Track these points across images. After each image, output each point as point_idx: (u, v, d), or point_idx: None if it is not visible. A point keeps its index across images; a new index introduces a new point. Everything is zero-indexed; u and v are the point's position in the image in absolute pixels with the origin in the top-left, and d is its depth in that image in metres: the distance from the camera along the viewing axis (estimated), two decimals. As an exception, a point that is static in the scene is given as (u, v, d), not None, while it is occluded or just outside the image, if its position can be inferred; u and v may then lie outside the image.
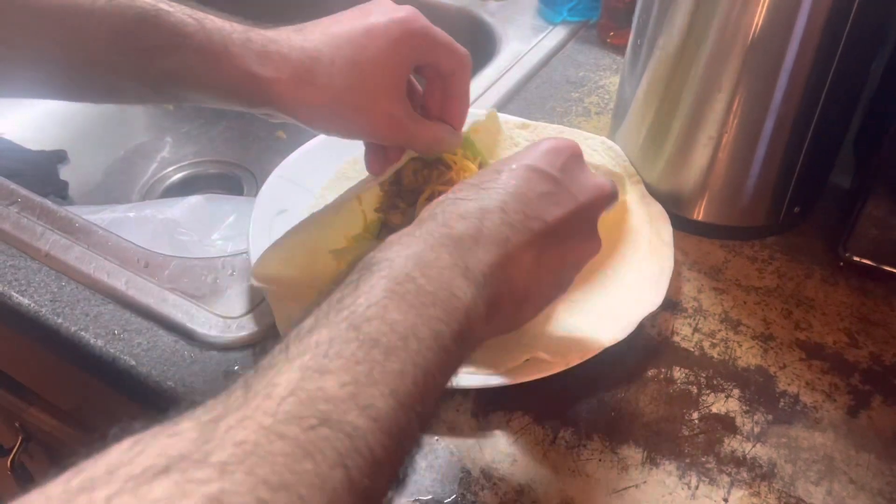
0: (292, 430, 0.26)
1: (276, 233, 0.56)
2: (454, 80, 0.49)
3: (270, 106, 0.46)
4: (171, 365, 0.52)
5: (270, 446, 0.26)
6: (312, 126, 0.49)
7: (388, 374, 0.30)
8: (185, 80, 0.45)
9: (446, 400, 0.50)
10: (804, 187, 0.61)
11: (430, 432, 0.48)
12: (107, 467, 0.24)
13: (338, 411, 0.28)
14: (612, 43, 0.83)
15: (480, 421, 0.49)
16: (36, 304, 0.56)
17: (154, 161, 0.96)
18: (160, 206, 0.76)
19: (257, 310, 0.55)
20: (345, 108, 0.46)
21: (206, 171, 0.95)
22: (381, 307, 0.32)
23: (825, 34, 0.52)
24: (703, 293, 0.58)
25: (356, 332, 0.30)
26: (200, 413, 0.27)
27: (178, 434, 0.26)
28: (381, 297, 0.32)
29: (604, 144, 0.63)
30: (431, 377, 0.32)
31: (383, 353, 0.30)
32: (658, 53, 0.58)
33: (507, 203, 0.39)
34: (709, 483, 0.47)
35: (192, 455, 0.25)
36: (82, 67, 0.45)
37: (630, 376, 0.52)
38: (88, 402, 0.66)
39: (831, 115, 0.57)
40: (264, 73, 0.44)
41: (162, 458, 0.24)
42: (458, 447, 0.48)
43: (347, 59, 0.45)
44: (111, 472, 0.24)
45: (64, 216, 0.61)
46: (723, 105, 0.56)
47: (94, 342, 0.54)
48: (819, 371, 0.53)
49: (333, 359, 0.29)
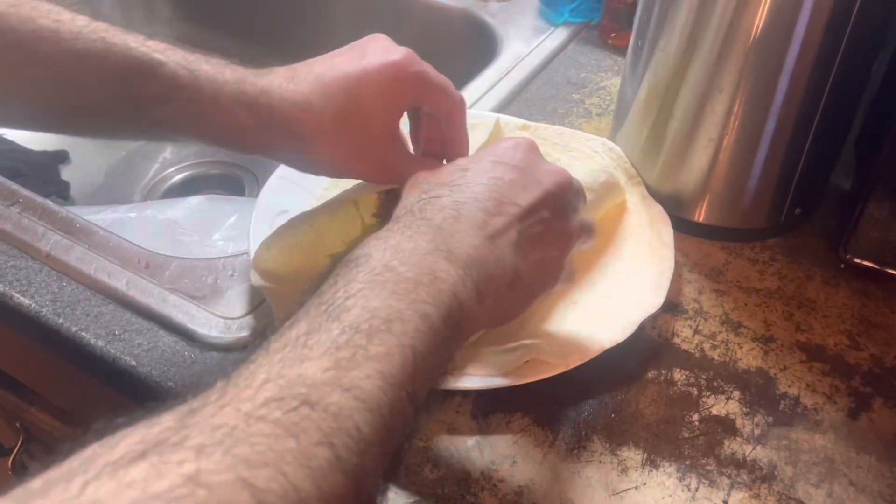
0: (273, 413, 0.26)
1: (276, 234, 0.56)
2: (450, 122, 0.49)
3: (262, 154, 0.48)
4: (171, 365, 0.52)
5: (249, 428, 0.26)
6: (306, 171, 0.50)
7: (371, 357, 0.30)
8: (178, 128, 0.46)
9: (447, 400, 0.50)
10: (805, 189, 0.61)
11: (430, 433, 0.48)
12: (85, 458, 0.25)
13: (320, 393, 0.28)
14: (614, 44, 0.83)
15: (480, 422, 0.49)
16: (37, 304, 0.56)
17: (156, 162, 0.96)
18: (161, 207, 0.76)
19: (258, 310, 0.55)
20: (336, 155, 0.46)
21: (208, 172, 0.95)
22: (360, 297, 0.32)
23: (826, 35, 0.52)
24: (703, 295, 0.58)
25: (337, 322, 0.31)
26: (180, 406, 0.27)
27: (157, 423, 0.26)
28: (359, 288, 0.32)
29: (604, 146, 0.63)
30: (422, 357, 0.31)
31: (365, 338, 0.30)
32: (659, 55, 0.58)
33: (480, 193, 0.40)
34: (709, 485, 0.47)
35: (169, 440, 0.25)
36: (77, 109, 0.45)
37: (630, 378, 0.52)
38: (89, 403, 0.66)
39: (832, 117, 0.57)
40: (254, 126, 0.45)
41: (140, 445, 0.25)
42: (458, 448, 0.48)
43: (339, 108, 0.45)
44: (89, 462, 0.24)
45: (65, 217, 0.61)
46: (724, 106, 0.56)
47: (95, 342, 0.54)
48: (820, 373, 0.53)
49: (313, 347, 0.29)
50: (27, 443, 0.77)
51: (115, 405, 0.58)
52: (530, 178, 0.43)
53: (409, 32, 0.93)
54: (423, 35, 0.92)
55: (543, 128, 0.63)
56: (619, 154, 0.63)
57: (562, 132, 0.63)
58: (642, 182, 0.62)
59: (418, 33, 0.92)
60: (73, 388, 0.65)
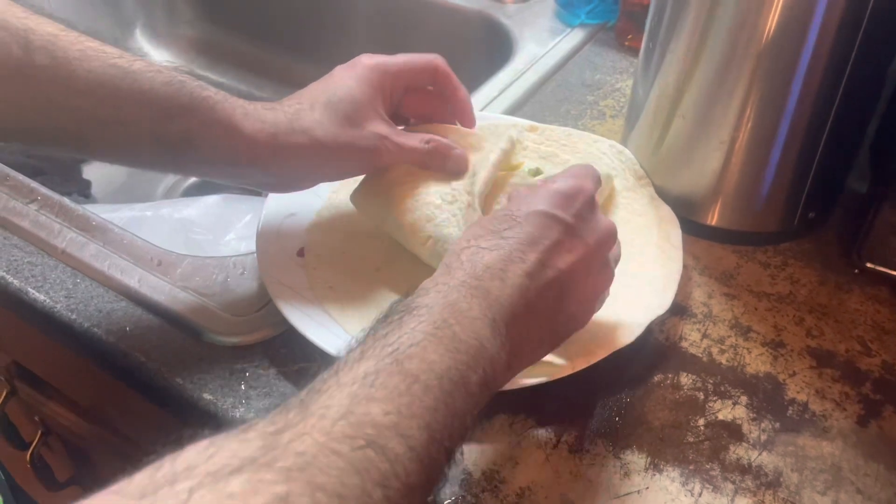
0: (344, 447, 0.30)
1: (284, 237, 0.57)
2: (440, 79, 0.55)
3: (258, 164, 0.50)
4: (180, 362, 0.53)
5: (326, 459, 0.30)
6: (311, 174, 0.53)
7: (424, 409, 0.34)
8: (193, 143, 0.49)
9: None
10: (819, 193, 0.60)
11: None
12: (186, 464, 0.28)
13: (382, 437, 0.31)
14: (630, 46, 0.83)
15: (483, 423, 0.49)
16: (51, 300, 0.57)
17: (175, 161, 0.97)
18: (177, 206, 0.77)
19: (265, 309, 0.55)
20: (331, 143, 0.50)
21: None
22: (421, 347, 0.36)
23: (839, 36, 0.52)
24: (713, 298, 0.57)
25: (399, 366, 0.34)
26: (264, 425, 0.31)
27: (247, 441, 0.30)
28: (421, 338, 0.36)
29: (613, 148, 0.63)
30: (459, 418, 0.35)
31: (422, 389, 0.34)
32: (670, 56, 0.58)
33: (524, 253, 0.42)
34: (712, 490, 0.46)
35: (259, 459, 0.29)
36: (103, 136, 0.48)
37: (636, 381, 0.52)
38: (103, 397, 0.67)
39: (847, 120, 0.56)
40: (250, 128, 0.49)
41: (235, 460, 0.28)
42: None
43: (323, 101, 0.51)
44: (190, 469, 0.28)
45: (81, 214, 0.63)
46: (735, 108, 0.56)
47: (107, 338, 0.55)
48: (830, 379, 0.52)
49: (379, 388, 0.33)
50: (46, 436, 0.78)
51: (128, 401, 0.59)
52: (576, 236, 0.44)
53: (425, 33, 0.94)
54: (439, 36, 0.92)
55: (551, 129, 0.63)
56: (627, 156, 0.63)
57: (569, 133, 0.63)
58: (651, 183, 0.62)
59: (434, 34, 0.93)
60: (87, 383, 0.67)
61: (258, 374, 0.52)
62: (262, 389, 0.51)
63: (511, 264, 0.41)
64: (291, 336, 0.52)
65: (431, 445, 0.33)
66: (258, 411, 0.50)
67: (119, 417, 0.69)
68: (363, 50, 0.55)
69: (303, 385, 0.33)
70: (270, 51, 1.08)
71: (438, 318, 0.37)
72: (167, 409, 0.54)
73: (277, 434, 0.30)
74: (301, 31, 1.04)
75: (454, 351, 0.36)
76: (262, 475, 0.28)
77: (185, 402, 0.51)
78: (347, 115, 0.50)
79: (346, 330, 0.52)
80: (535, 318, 0.42)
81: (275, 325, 0.54)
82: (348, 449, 0.30)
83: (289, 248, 0.57)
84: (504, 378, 0.41)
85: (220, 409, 0.50)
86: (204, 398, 0.51)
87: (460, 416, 0.35)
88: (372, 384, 0.33)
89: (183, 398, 0.51)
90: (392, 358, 0.35)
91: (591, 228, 0.45)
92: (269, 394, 0.51)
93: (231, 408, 0.50)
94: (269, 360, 0.53)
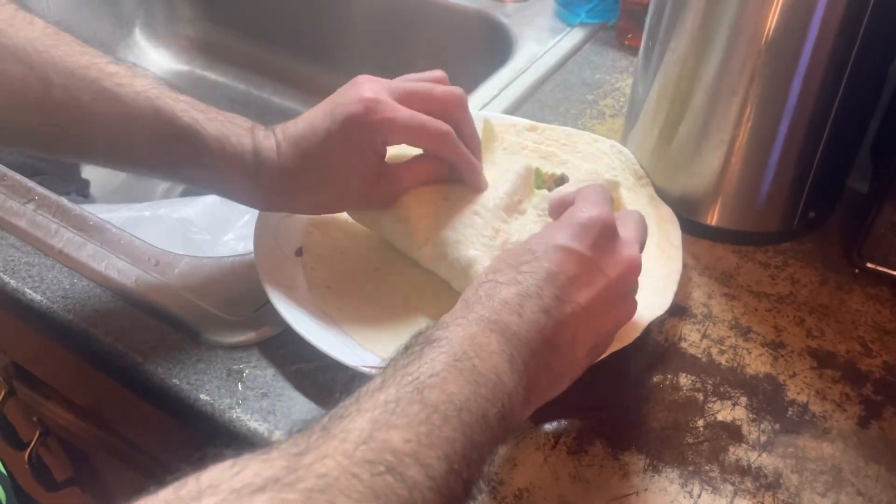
0: (364, 472, 0.31)
1: (282, 237, 0.57)
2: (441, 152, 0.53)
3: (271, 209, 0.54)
4: (176, 362, 0.53)
5: (347, 482, 0.30)
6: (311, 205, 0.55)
7: (443, 439, 0.34)
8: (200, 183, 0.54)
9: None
10: (820, 192, 0.60)
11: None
12: (210, 482, 0.29)
13: (402, 464, 0.32)
14: (630, 45, 0.82)
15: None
16: (48, 300, 0.57)
17: (175, 161, 0.97)
18: (175, 206, 0.77)
19: (263, 309, 0.55)
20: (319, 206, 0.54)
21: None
22: (441, 378, 0.36)
23: (840, 35, 0.51)
24: (713, 299, 0.57)
25: (419, 395, 0.35)
26: (287, 446, 0.31)
27: (270, 461, 0.30)
28: (441, 368, 0.36)
29: (613, 148, 0.63)
30: (476, 451, 0.35)
31: (441, 419, 0.34)
32: (670, 55, 0.58)
33: (542, 289, 0.42)
34: (711, 492, 0.46)
35: (283, 479, 0.29)
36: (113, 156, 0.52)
37: (635, 382, 0.52)
38: (101, 398, 0.67)
39: (847, 119, 0.56)
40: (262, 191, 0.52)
41: (258, 479, 0.29)
42: (458, 450, 0.48)
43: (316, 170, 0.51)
44: (215, 486, 0.29)
45: (78, 214, 0.62)
46: (735, 108, 0.56)
47: (104, 339, 0.54)
48: (830, 380, 0.52)
49: (399, 416, 0.34)
50: (44, 436, 0.78)
51: (125, 401, 0.59)
52: (595, 269, 0.43)
53: (425, 32, 0.94)
54: (438, 35, 0.92)
55: (551, 129, 0.63)
56: (627, 156, 0.62)
57: (569, 133, 0.63)
58: (650, 183, 0.61)
59: (434, 34, 0.93)
60: (85, 383, 0.66)
61: (255, 375, 0.52)
62: (260, 390, 0.51)
63: (528, 300, 0.41)
64: (289, 336, 0.52)
65: (450, 476, 0.33)
66: (255, 412, 0.50)
67: (117, 418, 0.69)
68: (363, 50, 0.54)
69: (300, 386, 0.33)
70: (270, 50, 1.08)
71: (458, 350, 0.37)
72: (164, 409, 0.53)
73: (300, 455, 0.31)
74: (301, 31, 1.04)
75: (473, 384, 0.36)
76: (285, 495, 0.29)
77: (182, 402, 0.51)
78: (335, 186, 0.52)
79: (343, 330, 0.51)
80: (554, 353, 0.42)
81: (273, 326, 0.54)
82: (368, 474, 0.31)
83: (287, 248, 0.56)
84: (522, 413, 0.41)
85: (217, 410, 0.50)
86: (201, 399, 0.51)
87: (478, 449, 0.35)
88: (392, 411, 0.34)
89: (180, 398, 0.51)
90: (412, 387, 0.35)
91: (613, 261, 0.44)
92: (266, 395, 0.51)
93: (228, 408, 0.50)
94: (267, 360, 0.53)
